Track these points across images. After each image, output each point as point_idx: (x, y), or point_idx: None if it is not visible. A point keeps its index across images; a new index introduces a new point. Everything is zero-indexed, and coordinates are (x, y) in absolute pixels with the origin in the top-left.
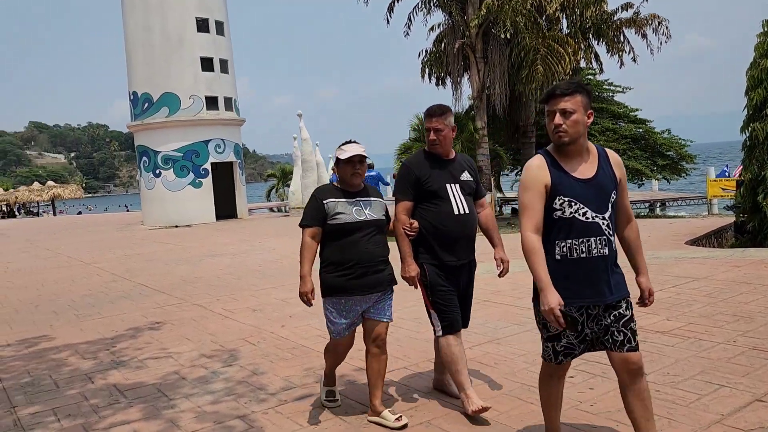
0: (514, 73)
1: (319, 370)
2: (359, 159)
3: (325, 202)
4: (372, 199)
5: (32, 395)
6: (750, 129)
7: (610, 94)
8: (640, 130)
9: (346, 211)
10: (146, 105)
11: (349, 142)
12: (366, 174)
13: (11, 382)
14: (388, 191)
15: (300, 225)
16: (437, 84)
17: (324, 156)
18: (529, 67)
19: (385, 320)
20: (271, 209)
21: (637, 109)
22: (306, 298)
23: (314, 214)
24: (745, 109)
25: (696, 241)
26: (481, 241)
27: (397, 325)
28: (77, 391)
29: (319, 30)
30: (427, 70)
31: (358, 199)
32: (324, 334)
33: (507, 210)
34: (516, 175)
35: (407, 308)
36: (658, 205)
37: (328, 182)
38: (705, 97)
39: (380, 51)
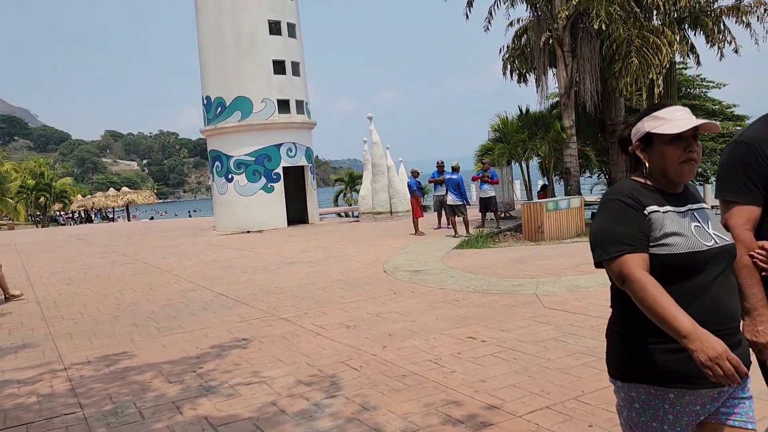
0: (605, 67)
1: (441, 406)
2: (693, 135)
3: (649, 211)
4: (704, 206)
5: (116, 428)
6: None
7: (704, 90)
8: (739, 128)
9: (681, 229)
10: (219, 109)
11: (659, 104)
12: (449, 176)
13: (93, 409)
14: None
15: (606, 257)
16: (519, 81)
17: (394, 159)
18: (623, 60)
19: (750, 429)
20: (339, 214)
21: (734, 105)
22: (728, 364)
23: (632, 232)
24: None
25: None
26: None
27: None
28: (165, 425)
29: (380, 34)
30: (509, 67)
31: (689, 207)
32: (438, 360)
33: (587, 215)
34: (598, 177)
35: None
36: None
37: (398, 187)
38: None
39: (440, 55)
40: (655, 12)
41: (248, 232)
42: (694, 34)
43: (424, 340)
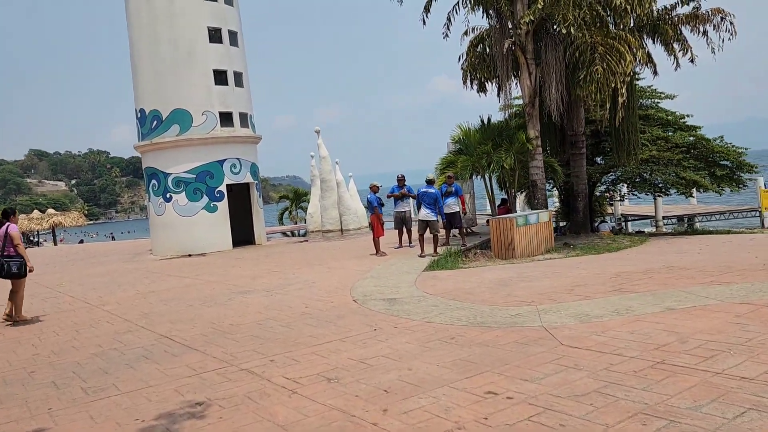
0: (569, 75)
1: None
2: None
3: None
4: None
5: None
6: None
7: (656, 101)
8: (692, 138)
9: None
10: (155, 123)
11: None
12: (424, 190)
13: None
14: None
15: None
16: (479, 90)
17: (344, 174)
18: (587, 68)
19: None
20: (286, 233)
21: (687, 116)
22: None
23: None
24: None
25: None
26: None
27: None
28: None
29: (318, 50)
30: (468, 76)
31: None
32: (462, 430)
33: None
34: (551, 190)
35: None
36: (697, 220)
37: (349, 203)
38: (740, 102)
39: (380, 72)
40: (623, 17)
41: (189, 255)
42: (653, 43)
43: (433, 399)
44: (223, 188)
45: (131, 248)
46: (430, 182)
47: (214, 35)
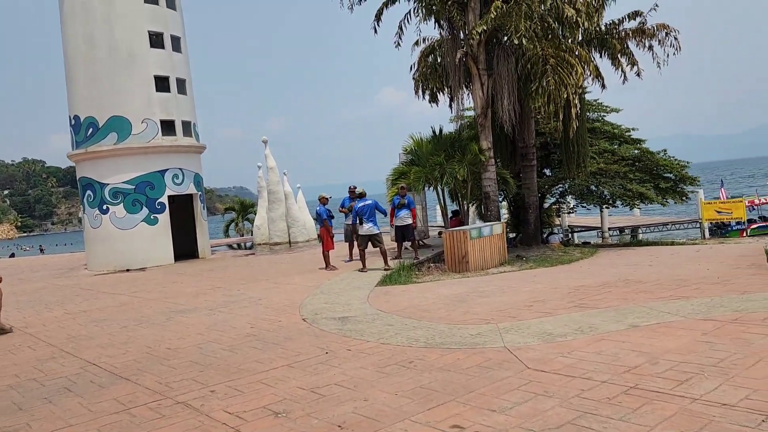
0: (521, 86)
1: None
2: None
3: None
4: None
5: None
6: None
7: (602, 115)
8: (637, 151)
9: None
10: (91, 131)
11: None
12: (362, 204)
13: None
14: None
15: None
16: (431, 101)
17: (292, 185)
18: (539, 80)
19: None
20: (232, 246)
21: (632, 129)
22: None
23: None
24: None
25: None
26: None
27: None
28: None
29: (265, 62)
30: (420, 86)
31: None
32: None
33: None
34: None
35: None
36: (641, 231)
37: (297, 215)
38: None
39: (328, 84)
40: (574, 29)
41: (128, 270)
42: (600, 57)
43: None
44: (164, 200)
45: (65, 262)
46: (361, 195)
47: (156, 40)
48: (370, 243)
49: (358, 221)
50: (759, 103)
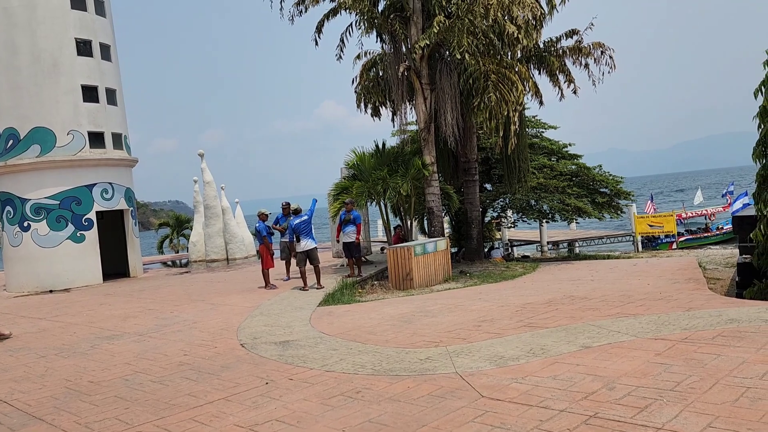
0: (464, 101)
1: None
2: None
3: None
4: None
5: None
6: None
7: (540, 131)
8: (574, 167)
9: None
10: (11, 142)
11: None
12: (298, 220)
13: None
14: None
15: None
16: (373, 115)
17: (230, 200)
18: (481, 95)
19: None
20: (166, 263)
21: (569, 144)
22: None
23: None
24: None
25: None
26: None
27: None
28: None
29: (202, 72)
30: (362, 99)
31: None
32: None
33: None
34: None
35: None
36: (577, 245)
37: (235, 231)
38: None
39: (267, 96)
40: (515, 45)
41: (51, 291)
42: (539, 74)
43: None
44: (92, 215)
45: None
46: (297, 212)
47: (83, 48)
48: (307, 260)
49: (294, 238)
50: (682, 122)
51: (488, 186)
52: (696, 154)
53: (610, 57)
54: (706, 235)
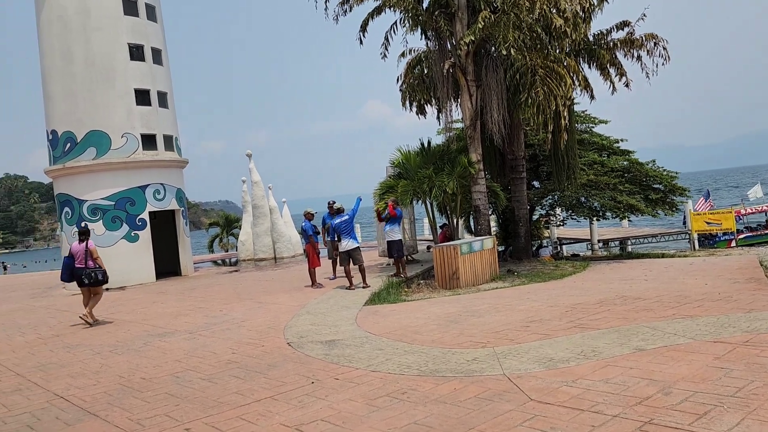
0: (510, 97)
1: None
2: None
3: None
4: None
5: None
6: None
7: (590, 126)
8: (626, 162)
9: None
10: (68, 146)
11: None
12: (339, 220)
13: None
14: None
15: None
16: (418, 113)
17: (277, 200)
18: (528, 90)
19: None
20: (216, 262)
21: (621, 140)
22: None
23: None
24: None
25: None
26: None
27: None
28: None
29: (247, 75)
30: (407, 97)
31: None
32: None
33: None
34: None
35: None
36: (629, 243)
37: (282, 230)
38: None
39: (308, 98)
40: (562, 38)
41: (107, 289)
42: (589, 68)
43: None
44: (145, 216)
45: (43, 281)
46: (339, 211)
47: (136, 52)
48: (350, 259)
49: (336, 238)
50: (736, 115)
51: (536, 183)
52: (752, 147)
53: (664, 48)
54: (767, 232)
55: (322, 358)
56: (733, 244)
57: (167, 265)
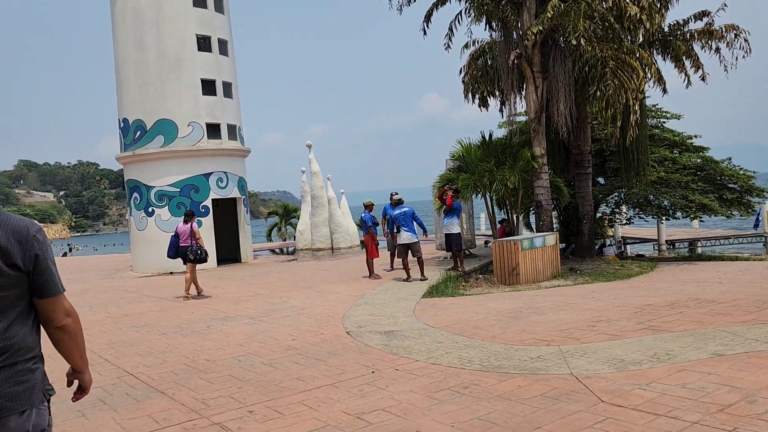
0: (578, 90)
1: None
2: None
3: None
4: None
5: None
6: None
7: (662, 121)
8: (699, 160)
9: None
10: (138, 133)
11: None
12: (398, 211)
13: None
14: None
15: None
16: (480, 105)
17: (336, 191)
18: (598, 83)
19: None
20: (274, 251)
21: (694, 136)
22: None
23: None
24: None
25: None
26: None
27: None
28: None
29: (306, 68)
30: (470, 89)
31: None
32: None
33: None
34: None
35: None
36: (699, 245)
37: (340, 221)
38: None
39: (369, 90)
40: (637, 27)
41: (171, 273)
42: (663, 60)
43: None
44: (208, 203)
45: (112, 263)
46: (399, 202)
47: (203, 43)
48: (409, 251)
49: (395, 229)
50: None
51: (600, 180)
52: None
53: (745, 40)
54: None
55: (381, 348)
56: None
57: (228, 252)
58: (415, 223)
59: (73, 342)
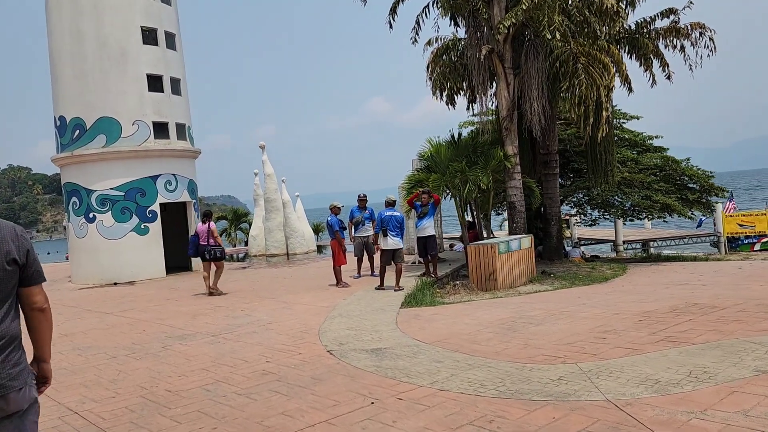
0: (549, 87)
1: None
2: None
3: None
4: None
5: None
6: None
7: (622, 122)
8: (659, 160)
9: None
10: (77, 133)
11: None
12: (389, 213)
13: None
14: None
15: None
16: (448, 103)
17: (290, 193)
18: (570, 79)
19: None
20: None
21: (655, 136)
22: None
23: None
24: None
25: None
26: None
27: None
28: None
29: (253, 69)
30: (438, 86)
31: None
32: None
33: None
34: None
35: None
36: (652, 245)
37: (296, 225)
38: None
39: (315, 93)
40: (614, 20)
41: (115, 284)
42: (629, 58)
43: None
44: (155, 207)
45: (47, 273)
46: (391, 204)
47: (149, 36)
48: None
49: (381, 233)
50: (741, 118)
51: (561, 180)
52: (756, 152)
53: (711, 39)
54: None
55: (373, 370)
56: (757, 247)
57: (177, 259)
58: (402, 231)
59: (49, 326)
